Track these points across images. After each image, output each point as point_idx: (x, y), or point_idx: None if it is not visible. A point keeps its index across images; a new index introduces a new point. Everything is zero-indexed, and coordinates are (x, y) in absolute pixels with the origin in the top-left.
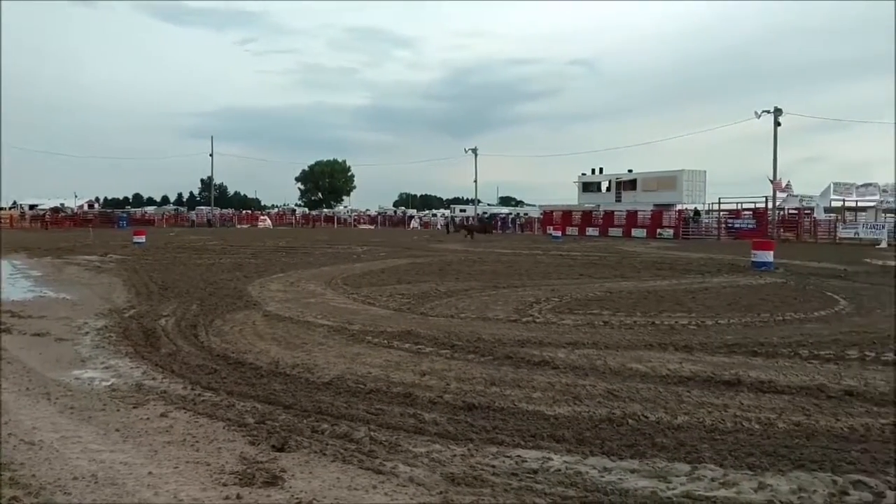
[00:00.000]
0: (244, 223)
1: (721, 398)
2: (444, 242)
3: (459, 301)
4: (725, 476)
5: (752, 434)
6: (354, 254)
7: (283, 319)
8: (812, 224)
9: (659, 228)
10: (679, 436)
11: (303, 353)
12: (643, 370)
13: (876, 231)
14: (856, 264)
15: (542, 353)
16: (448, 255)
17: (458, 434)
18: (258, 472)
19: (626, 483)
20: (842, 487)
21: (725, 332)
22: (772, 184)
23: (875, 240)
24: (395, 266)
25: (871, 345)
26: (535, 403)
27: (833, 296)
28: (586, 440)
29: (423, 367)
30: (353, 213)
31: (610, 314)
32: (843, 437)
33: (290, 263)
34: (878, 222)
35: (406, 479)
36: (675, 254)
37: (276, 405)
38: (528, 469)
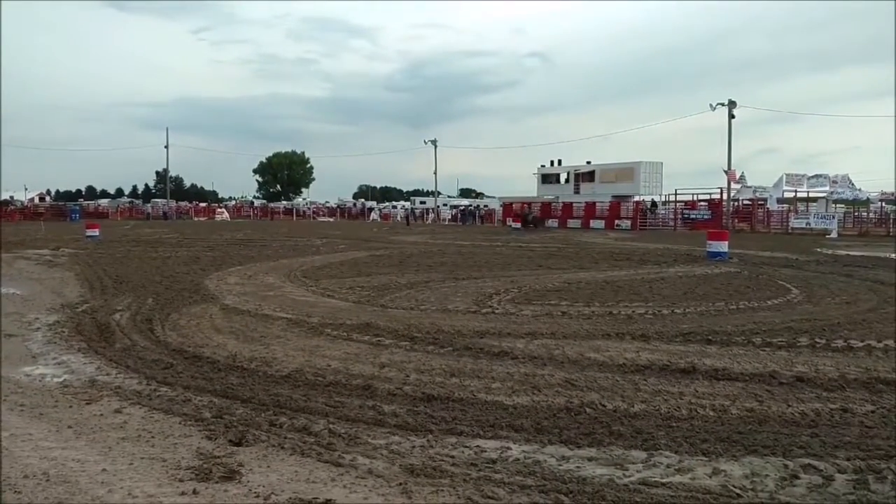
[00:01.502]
0: (201, 216)
1: (677, 386)
2: (403, 234)
3: (419, 293)
4: (681, 462)
5: (707, 421)
6: (313, 246)
7: (241, 313)
8: (765, 214)
9: (617, 219)
10: (636, 423)
11: (261, 346)
12: (601, 359)
13: (826, 221)
14: (807, 254)
15: (501, 344)
16: (408, 248)
17: (417, 425)
18: (215, 466)
19: (583, 471)
20: (792, 471)
21: (681, 321)
22: (726, 175)
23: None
24: (354, 258)
25: (822, 332)
26: (495, 394)
27: (785, 285)
28: (545, 429)
29: (383, 359)
30: (312, 206)
31: (568, 304)
32: (794, 423)
33: (248, 256)
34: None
35: (365, 471)
36: (633, 244)
37: (233, 399)
38: (487, 459)
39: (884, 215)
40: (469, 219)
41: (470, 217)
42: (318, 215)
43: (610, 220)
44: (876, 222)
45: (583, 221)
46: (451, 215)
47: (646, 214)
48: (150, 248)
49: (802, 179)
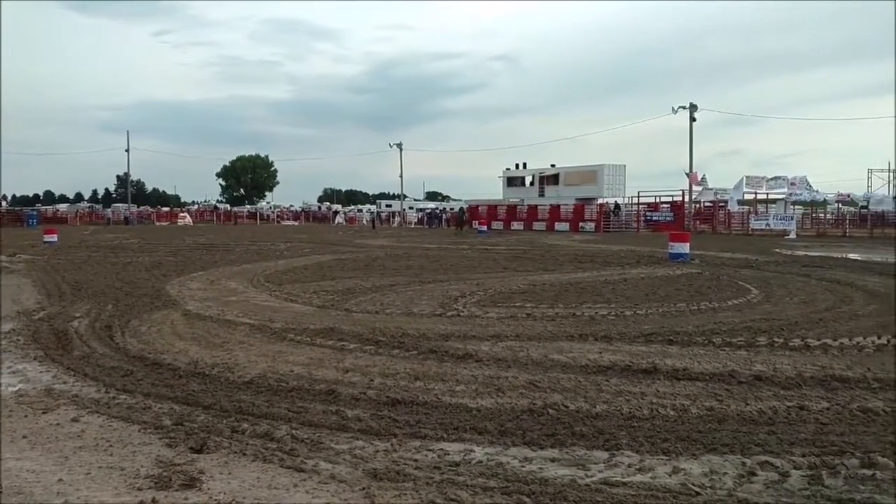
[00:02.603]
0: (163, 220)
1: (638, 386)
2: (369, 238)
3: (384, 297)
4: (642, 462)
5: (668, 420)
6: (277, 250)
7: (203, 318)
8: (726, 216)
9: (581, 222)
10: (598, 424)
11: (223, 352)
12: (564, 360)
13: (785, 222)
14: (767, 254)
15: (466, 347)
16: (373, 251)
17: (381, 429)
18: (175, 474)
19: (546, 472)
20: (750, 469)
21: (643, 322)
22: (688, 177)
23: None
24: (319, 262)
25: (780, 331)
26: (459, 396)
27: (745, 285)
28: (508, 431)
29: (347, 363)
30: (277, 209)
31: (533, 306)
32: (752, 421)
33: (210, 261)
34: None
35: (328, 476)
36: (597, 246)
37: (194, 406)
38: (451, 462)
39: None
40: (435, 222)
41: (436, 220)
42: (282, 219)
43: (574, 223)
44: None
45: (548, 224)
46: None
47: (609, 217)
48: (111, 253)
49: (762, 181)
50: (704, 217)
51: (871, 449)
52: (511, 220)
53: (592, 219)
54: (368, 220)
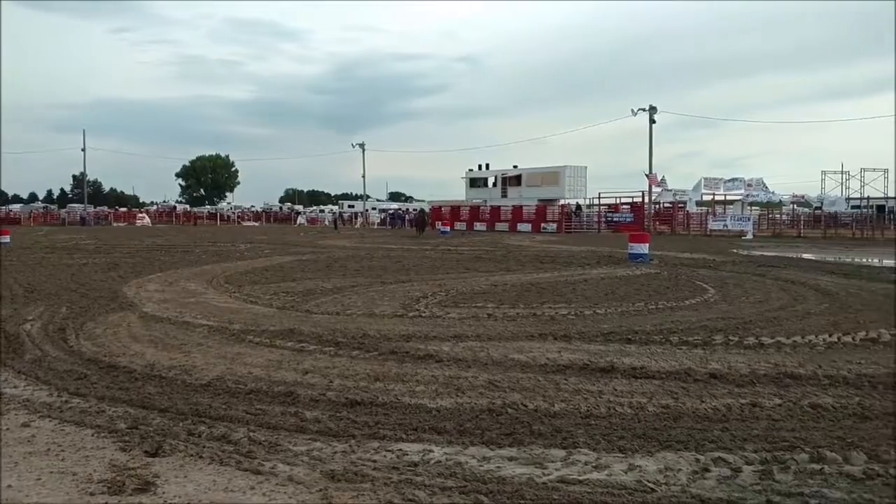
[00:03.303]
0: (121, 221)
1: (596, 385)
2: (331, 239)
3: (345, 298)
4: (598, 460)
5: (625, 418)
6: (238, 251)
7: (161, 320)
8: (685, 217)
9: (543, 223)
10: (556, 422)
11: (181, 354)
12: (524, 360)
13: (742, 223)
14: (724, 254)
15: (426, 347)
16: (335, 252)
17: (339, 431)
18: (129, 479)
19: (503, 471)
20: (704, 465)
21: (602, 322)
22: (648, 179)
23: (742, 231)
24: (279, 263)
25: (735, 330)
26: (419, 397)
27: (702, 285)
28: (467, 431)
29: (306, 365)
30: (237, 210)
31: (494, 307)
32: (707, 418)
33: (169, 262)
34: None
35: (285, 478)
36: (558, 247)
37: (150, 409)
38: (409, 462)
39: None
40: (398, 222)
41: (399, 221)
42: (243, 220)
43: (536, 224)
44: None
45: (510, 225)
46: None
47: (571, 217)
48: (66, 254)
49: (719, 183)
50: (664, 218)
51: (820, 444)
52: (474, 221)
53: (554, 219)
54: (331, 221)
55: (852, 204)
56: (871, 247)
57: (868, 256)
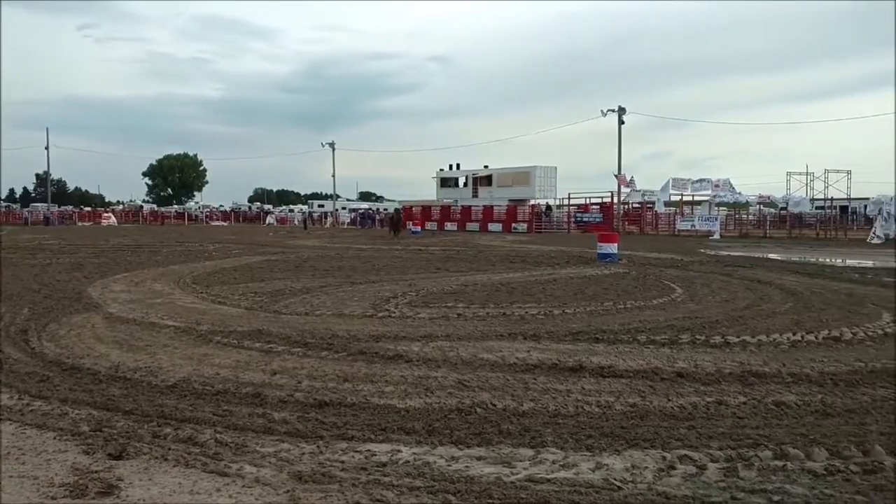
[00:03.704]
0: (86, 221)
1: (565, 384)
2: (301, 239)
3: (314, 298)
4: (566, 458)
5: (592, 417)
6: (206, 251)
7: (126, 321)
8: (654, 217)
9: (514, 223)
10: (524, 422)
11: (146, 355)
12: (493, 360)
13: (710, 223)
14: (692, 254)
15: (396, 348)
16: (305, 252)
17: (307, 432)
18: (91, 482)
19: (472, 470)
20: (669, 462)
21: (571, 321)
22: (617, 179)
23: (709, 231)
24: (248, 263)
25: (702, 329)
26: (388, 397)
27: (670, 284)
28: (436, 431)
29: (274, 365)
30: (206, 210)
31: (464, 306)
32: (673, 416)
33: (135, 262)
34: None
35: (252, 479)
36: (528, 247)
37: (114, 411)
38: (378, 462)
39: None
40: (368, 222)
41: (369, 220)
42: (211, 219)
43: (507, 224)
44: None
45: (481, 224)
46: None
47: (541, 217)
48: (28, 254)
49: (687, 183)
50: (633, 218)
51: (783, 441)
52: (445, 221)
53: (525, 219)
54: (300, 221)
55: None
56: (834, 247)
57: (831, 256)
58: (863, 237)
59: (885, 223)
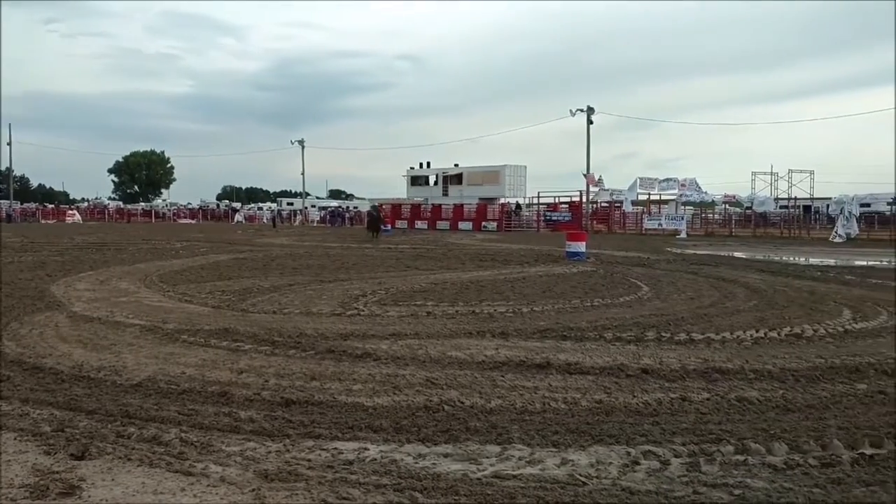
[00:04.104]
0: (50, 218)
1: (532, 381)
2: (270, 237)
3: (283, 296)
4: (532, 455)
5: (559, 413)
6: (173, 249)
7: (91, 320)
8: (621, 216)
9: (484, 221)
10: (491, 419)
11: (111, 354)
12: (462, 357)
13: (676, 222)
14: (658, 253)
15: (364, 346)
16: (273, 250)
17: (274, 430)
18: (53, 483)
19: (438, 468)
20: (634, 458)
21: (539, 319)
22: (585, 178)
23: (676, 230)
24: (216, 262)
25: (667, 326)
26: (355, 395)
27: (637, 282)
28: (403, 428)
29: (241, 364)
30: (173, 207)
31: (434, 304)
32: (638, 412)
33: (101, 260)
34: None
35: (217, 479)
36: (498, 245)
37: (77, 411)
38: (344, 460)
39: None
40: (338, 220)
41: (339, 219)
42: (179, 217)
43: (477, 222)
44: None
45: (451, 223)
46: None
47: (511, 216)
48: None
49: (654, 183)
50: (601, 217)
51: (745, 436)
52: (415, 219)
53: (495, 218)
54: (269, 219)
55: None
56: (797, 245)
57: (794, 255)
58: (825, 236)
59: (846, 223)
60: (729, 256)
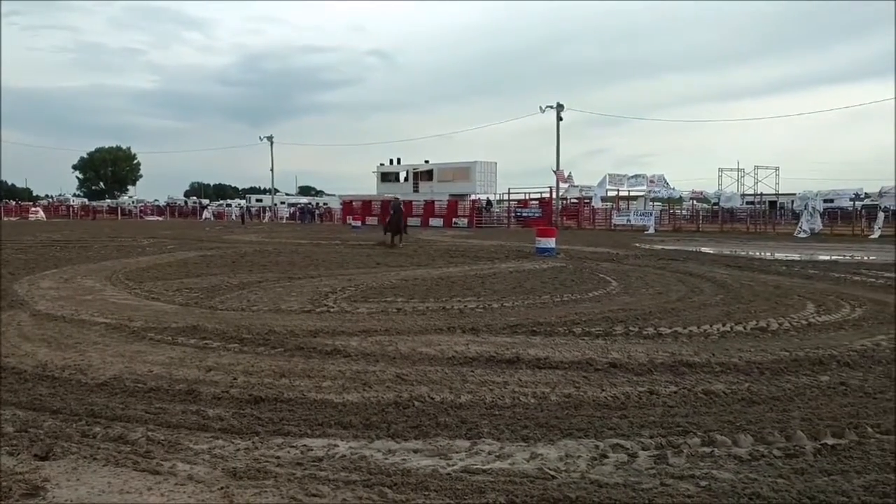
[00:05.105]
0: (12, 215)
1: (502, 376)
2: (238, 234)
3: (252, 293)
4: (502, 449)
5: (528, 408)
6: (140, 247)
7: (55, 319)
8: (591, 212)
9: (455, 217)
10: (461, 414)
11: (75, 353)
12: (432, 353)
13: (645, 218)
14: (627, 248)
15: (334, 342)
16: (242, 247)
17: (242, 428)
18: (16, 483)
19: (408, 463)
20: (602, 451)
21: (509, 314)
22: (555, 175)
23: (644, 226)
24: (183, 259)
25: (635, 321)
26: (325, 392)
27: (606, 278)
28: (373, 424)
29: (210, 362)
30: (140, 204)
31: (404, 301)
32: (606, 406)
33: (65, 258)
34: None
35: (185, 477)
36: (469, 242)
37: (41, 411)
38: (314, 457)
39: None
40: (308, 217)
41: (309, 215)
42: (146, 214)
43: (448, 218)
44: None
45: (422, 220)
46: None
47: (481, 212)
48: None
49: (623, 179)
50: (571, 213)
51: (711, 428)
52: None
53: (465, 214)
54: (238, 216)
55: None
56: (763, 241)
57: (760, 250)
58: (790, 231)
59: (810, 218)
60: (696, 252)
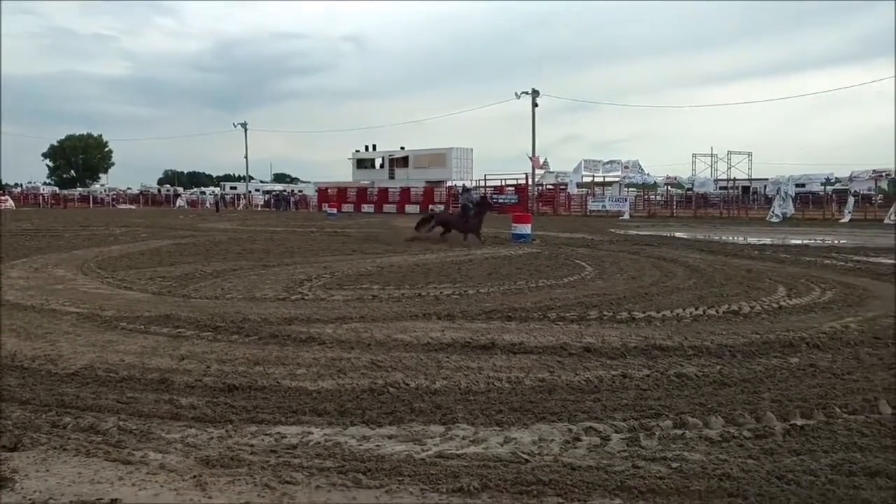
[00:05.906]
0: None
1: (477, 361)
2: (212, 221)
3: (226, 281)
4: (476, 434)
5: (502, 392)
6: (112, 235)
7: (24, 309)
8: (566, 198)
9: (431, 204)
10: (436, 399)
11: (46, 343)
12: (407, 340)
13: (620, 204)
14: (602, 234)
15: (309, 330)
16: (216, 235)
17: (216, 416)
18: None
19: (383, 449)
20: (575, 434)
21: (485, 300)
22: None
23: (619, 211)
24: (156, 247)
25: (610, 305)
26: (299, 380)
27: (581, 263)
28: (348, 411)
29: (182, 351)
30: (112, 192)
31: (379, 288)
32: (580, 389)
33: (35, 247)
34: (622, 196)
35: (157, 466)
36: None
37: (9, 402)
38: (288, 445)
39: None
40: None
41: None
42: (118, 202)
43: (424, 205)
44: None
45: (398, 206)
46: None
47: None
48: None
49: (598, 165)
50: (546, 199)
51: (683, 411)
52: (361, 203)
53: (442, 201)
54: (212, 204)
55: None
56: (736, 225)
57: (733, 235)
58: (763, 216)
59: (782, 202)
60: (670, 237)
